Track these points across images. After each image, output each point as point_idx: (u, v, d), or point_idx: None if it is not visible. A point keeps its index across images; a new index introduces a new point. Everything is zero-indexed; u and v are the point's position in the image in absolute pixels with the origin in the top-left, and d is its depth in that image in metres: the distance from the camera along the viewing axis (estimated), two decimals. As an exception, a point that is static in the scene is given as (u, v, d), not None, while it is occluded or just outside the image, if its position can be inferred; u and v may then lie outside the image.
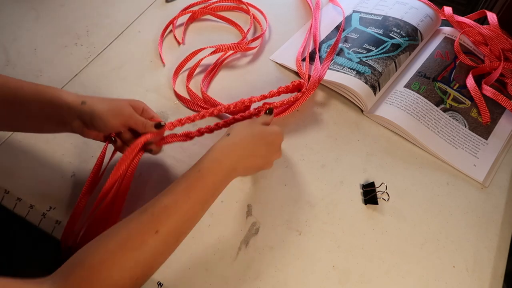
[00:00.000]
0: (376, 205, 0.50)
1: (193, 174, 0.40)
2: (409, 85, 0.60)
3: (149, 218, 0.36)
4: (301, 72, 0.62)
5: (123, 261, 0.33)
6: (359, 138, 0.57)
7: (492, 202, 0.52)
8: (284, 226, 0.49)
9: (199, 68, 0.63)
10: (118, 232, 0.35)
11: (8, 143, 0.54)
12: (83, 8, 0.71)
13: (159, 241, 0.35)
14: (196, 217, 0.40)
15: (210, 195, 0.41)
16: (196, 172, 0.40)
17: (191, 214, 0.38)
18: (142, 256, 0.34)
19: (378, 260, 0.47)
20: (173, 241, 0.37)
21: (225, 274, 0.45)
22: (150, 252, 0.35)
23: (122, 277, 0.33)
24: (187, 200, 0.38)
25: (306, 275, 0.46)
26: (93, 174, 0.47)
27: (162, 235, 0.35)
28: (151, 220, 0.36)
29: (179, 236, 0.38)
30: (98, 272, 0.32)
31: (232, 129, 0.45)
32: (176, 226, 0.37)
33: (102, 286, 0.32)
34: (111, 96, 0.59)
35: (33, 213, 0.49)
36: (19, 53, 0.64)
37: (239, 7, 0.72)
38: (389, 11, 0.68)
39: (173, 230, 0.37)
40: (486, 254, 0.48)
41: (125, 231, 0.35)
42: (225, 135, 0.44)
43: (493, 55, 0.63)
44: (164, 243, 0.36)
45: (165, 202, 0.37)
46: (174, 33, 0.67)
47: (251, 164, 0.45)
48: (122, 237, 0.35)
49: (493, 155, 0.55)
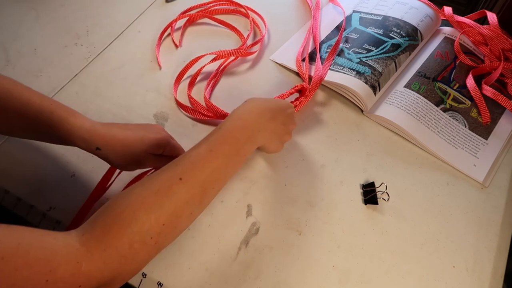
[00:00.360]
0: (376, 205, 0.50)
1: (216, 131, 0.41)
2: (409, 85, 0.60)
3: (174, 168, 0.37)
4: (302, 72, 0.62)
5: (148, 203, 0.33)
6: (359, 138, 0.57)
7: (492, 202, 0.52)
8: (284, 226, 0.49)
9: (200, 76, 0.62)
10: (145, 180, 0.36)
11: (8, 143, 0.54)
12: (83, 8, 0.71)
13: (184, 188, 0.35)
14: (221, 171, 0.39)
15: (234, 152, 0.40)
16: (218, 129, 0.41)
17: (215, 167, 0.38)
18: (166, 200, 0.34)
19: (378, 260, 0.47)
20: (199, 191, 0.37)
21: (225, 274, 0.45)
22: (175, 198, 0.35)
23: (148, 219, 0.32)
24: (209, 153, 0.38)
25: (306, 275, 0.46)
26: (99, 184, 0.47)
27: (187, 183, 0.36)
28: (176, 169, 0.36)
29: (205, 187, 0.38)
30: (124, 213, 0.32)
31: (248, 99, 0.46)
32: (200, 177, 0.37)
33: (128, 227, 0.31)
34: (111, 96, 0.59)
35: (33, 213, 0.49)
36: (19, 53, 0.64)
37: (238, 10, 0.72)
38: (389, 11, 0.68)
39: (197, 180, 0.37)
40: (486, 254, 0.48)
41: (151, 179, 0.36)
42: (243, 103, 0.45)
43: (493, 55, 0.63)
44: (190, 191, 0.36)
45: (189, 155, 0.38)
46: (172, 36, 0.67)
47: (274, 129, 0.46)
48: (148, 183, 0.35)
49: (493, 155, 0.55)
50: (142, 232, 0.32)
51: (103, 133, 0.41)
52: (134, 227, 0.32)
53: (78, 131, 0.40)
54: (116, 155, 0.42)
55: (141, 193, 0.34)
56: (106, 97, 0.59)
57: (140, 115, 0.57)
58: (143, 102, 0.59)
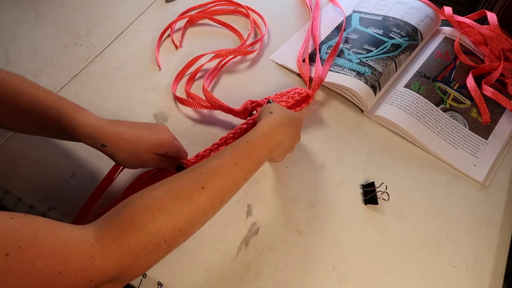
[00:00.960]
0: (376, 205, 0.50)
1: (241, 143, 0.41)
2: (409, 85, 0.60)
3: (197, 176, 0.37)
4: (302, 73, 0.62)
5: (168, 207, 0.34)
6: (359, 138, 0.57)
7: (492, 202, 0.52)
8: (284, 226, 0.49)
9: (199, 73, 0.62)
10: (165, 184, 0.36)
11: (8, 143, 0.54)
12: (83, 8, 0.71)
13: (204, 197, 0.36)
14: (239, 184, 0.40)
15: (254, 167, 0.41)
16: (244, 142, 0.41)
17: (236, 180, 0.39)
18: (186, 207, 0.34)
19: (378, 260, 0.47)
20: (217, 201, 0.38)
21: (225, 274, 0.45)
22: (194, 206, 0.35)
23: (166, 223, 0.33)
24: (233, 166, 0.39)
25: (306, 275, 0.46)
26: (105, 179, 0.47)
27: (208, 192, 0.36)
28: (198, 177, 0.37)
29: (223, 198, 0.38)
30: (142, 214, 0.32)
31: (272, 108, 0.47)
32: (221, 188, 0.38)
33: (145, 228, 0.32)
34: (111, 96, 0.59)
35: (33, 213, 0.49)
36: (19, 53, 0.64)
37: (238, 10, 0.72)
38: (389, 11, 0.68)
39: (218, 190, 0.37)
40: (486, 254, 0.48)
41: (172, 184, 0.36)
42: (268, 113, 0.46)
43: (493, 55, 0.63)
44: (209, 200, 0.36)
45: (213, 164, 0.38)
46: (172, 37, 0.67)
47: (288, 144, 0.47)
48: (169, 188, 0.35)
49: (493, 155, 0.55)
50: (158, 235, 0.32)
51: (109, 131, 0.41)
52: (151, 229, 0.32)
53: (85, 127, 0.41)
54: (121, 152, 0.42)
55: (161, 197, 0.34)
56: (106, 97, 0.59)
57: (140, 115, 0.57)
58: (143, 102, 0.59)
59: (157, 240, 0.32)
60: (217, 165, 0.38)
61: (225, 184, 0.38)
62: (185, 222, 0.34)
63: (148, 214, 0.32)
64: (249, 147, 0.41)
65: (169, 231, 0.33)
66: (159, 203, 0.34)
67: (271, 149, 0.43)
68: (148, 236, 0.32)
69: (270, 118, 0.45)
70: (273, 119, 0.45)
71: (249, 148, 0.41)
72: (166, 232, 0.33)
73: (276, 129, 0.44)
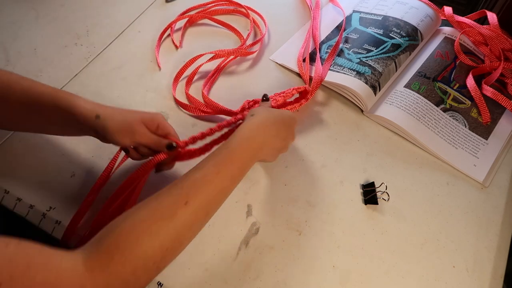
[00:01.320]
0: (376, 205, 0.50)
1: (222, 151, 0.41)
2: (409, 85, 0.60)
3: (179, 191, 0.36)
4: (302, 73, 0.62)
5: (153, 229, 0.34)
6: (359, 138, 0.57)
7: (492, 202, 0.52)
8: (284, 226, 0.49)
9: (198, 74, 0.62)
10: (149, 203, 0.36)
11: (8, 143, 0.54)
12: (83, 8, 0.71)
13: (189, 213, 0.36)
14: (225, 192, 0.40)
15: (238, 172, 0.41)
16: (225, 149, 0.41)
17: (220, 189, 0.39)
18: (172, 226, 0.34)
19: (378, 260, 0.47)
20: (203, 214, 0.38)
21: (225, 274, 0.45)
22: (180, 223, 0.35)
23: (152, 245, 0.33)
24: (216, 175, 0.38)
25: (306, 275, 0.46)
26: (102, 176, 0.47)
27: (192, 207, 0.36)
28: (181, 192, 0.36)
29: (209, 210, 0.38)
30: (128, 239, 0.32)
31: (255, 111, 0.46)
32: (206, 200, 0.37)
33: (132, 253, 0.32)
34: (111, 96, 0.59)
35: (33, 213, 0.49)
36: (19, 53, 0.64)
37: (238, 10, 0.72)
38: (389, 11, 0.68)
39: (202, 203, 0.37)
40: (486, 254, 0.48)
41: (155, 202, 0.36)
42: (249, 116, 0.45)
43: (493, 55, 0.63)
44: (194, 215, 0.36)
45: (195, 176, 0.38)
46: (172, 37, 0.67)
47: (274, 145, 0.46)
48: (153, 207, 0.35)
49: (493, 155, 0.55)
50: (146, 258, 0.33)
51: (104, 105, 0.44)
52: (138, 253, 0.32)
53: (82, 102, 0.42)
54: (113, 122, 0.43)
55: (145, 218, 0.34)
56: (106, 97, 0.59)
57: (140, 115, 0.57)
58: (143, 102, 0.59)
59: (146, 263, 0.32)
60: (199, 177, 0.38)
61: (209, 195, 0.38)
62: (172, 241, 0.34)
63: (133, 238, 0.32)
64: (230, 153, 0.40)
65: (156, 253, 0.33)
66: (144, 225, 0.33)
67: (254, 152, 0.42)
68: (136, 260, 0.32)
69: (250, 121, 0.44)
70: (254, 121, 0.44)
71: (230, 154, 0.40)
72: (154, 254, 0.33)
73: (257, 130, 0.43)
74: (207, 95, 0.59)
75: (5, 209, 0.50)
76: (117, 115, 0.43)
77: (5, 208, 0.50)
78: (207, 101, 0.58)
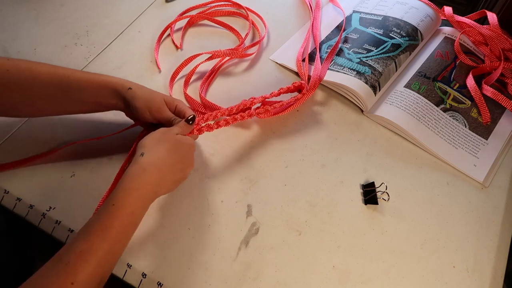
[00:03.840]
0: (376, 205, 0.50)
1: (107, 209, 0.36)
2: (409, 85, 0.60)
3: (64, 268, 0.33)
4: (301, 73, 0.62)
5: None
6: (359, 138, 0.57)
7: (492, 202, 0.52)
8: (284, 226, 0.49)
9: (196, 74, 0.62)
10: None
11: (8, 142, 0.54)
12: (83, 8, 0.71)
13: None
14: (118, 250, 0.37)
15: (130, 228, 0.38)
16: (111, 206, 0.36)
17: (111, 255, 0.35)
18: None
19: (378, 260, 0.47)
20: (96, 284, 0.34)
21: (225, 274, 0.45)
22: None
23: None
24: (104, 241, 0.35)
25: (306, 275, 0.46)
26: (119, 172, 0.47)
27: (81, 284, 0.32)
28: (67, 269, 0.32)
29: (102, 276, 0.35)
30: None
31: (145, 147, 0.41)
32: (95, 272, 0.34)
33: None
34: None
35: (33, 213, 0.49)
36: (19, 53, 0.64)
37: (238, 12, 0.71)
38: (389, 11, 0.68)
39: (91, 277, 0.33)
40: (486, 254, 0.48)
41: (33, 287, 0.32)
42: (139, 156, 0.40)
43: (493, 55, 0.63)
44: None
45: (81, 247, 0.34)
46: (172, 37, 0.67)
47: (170, 181, 0.42)
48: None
49: (493, 155, 0.55)
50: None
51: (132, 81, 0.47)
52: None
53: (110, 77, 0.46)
54: (141, 95, 0.45)
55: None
56: (106, 97, 0.59)
57: (140, 115, 0.57)
58: (143, 102, 0.59)
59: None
60: (86, 247, 0.34)
61: (100, 263, 0.34)
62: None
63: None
64: (117, 211, 0.36)
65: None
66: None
67: (147, 199, 0.39)
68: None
69: (138, 165, 0.39)
70: (142, 165, 0.39)
71: (117, 213, 0.36)
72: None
73: (146, 176, 0.39)
74: (204, 96, 0.59)
75: (5, 209, 0.50)
76: (145, 89, 0.47)
77: (5, 208, 0.50)
78: (204, 101, 0.58)
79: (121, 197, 0.37)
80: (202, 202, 0.50)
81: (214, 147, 0.54)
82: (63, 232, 0.47)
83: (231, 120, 0.51)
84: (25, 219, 0.49)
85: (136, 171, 0.39)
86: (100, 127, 0.55)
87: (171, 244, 0.47)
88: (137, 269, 0.45)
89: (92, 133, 0.54)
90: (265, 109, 0.54)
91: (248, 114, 0.52)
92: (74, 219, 0.48)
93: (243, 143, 0.55)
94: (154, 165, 0.40)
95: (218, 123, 0.50)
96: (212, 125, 0.50)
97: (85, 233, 0.35)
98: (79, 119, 0.56)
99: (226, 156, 0.54)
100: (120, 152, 0.53)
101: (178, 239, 0.47)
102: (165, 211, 0.49)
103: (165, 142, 0.42)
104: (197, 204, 0.50)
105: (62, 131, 0.55)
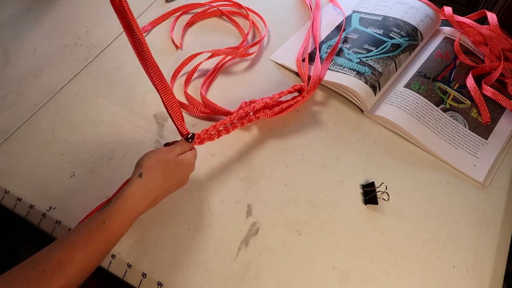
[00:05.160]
0: (376, 205, 0.50)
1: (96, 224, 0.36)
2: (409, 85, 0.60)
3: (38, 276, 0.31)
4: (301, 73, 0.62)
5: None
6: (359, 138, 0.57)
7: (492, 202, 0.52)
8: (284, 226, 0.49)
9: (197, 73, 0.62)
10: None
11: (8, 143, 0.54)
12: (83, 8, 0.71)
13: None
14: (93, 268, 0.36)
15: (111, 244, 0.37)
16: (101, 223, 0.36)
17: (87, 270, 0.34)
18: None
19: (378, 260, 0.47)
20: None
21: (225, 274, 0.45)
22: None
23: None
24: (85, 255, 0.34)
25: (306, 275, 0.46)
26: None
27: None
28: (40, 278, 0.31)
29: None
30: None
31: (144, 168, 0.40)
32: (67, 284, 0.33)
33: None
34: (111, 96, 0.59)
35: (33, 213, 0.49)
36: (19, 53, 0.64)
37: (239, 11, 0.71)
38: (389, 11, 0.68)
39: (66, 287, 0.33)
40: (486, 254, 0.48)
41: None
42: (137, 176, 0.40)
43: (493, 55, 0.63)
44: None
45: (60, 257, 0.33)
46: (172, 37, 0.67)
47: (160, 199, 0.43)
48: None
49: (493, 155, 0.55)
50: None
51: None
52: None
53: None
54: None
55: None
56: (106, 97, 0.59)
57: (140, 115, 0.57)
58: (143, 102, 0.59)
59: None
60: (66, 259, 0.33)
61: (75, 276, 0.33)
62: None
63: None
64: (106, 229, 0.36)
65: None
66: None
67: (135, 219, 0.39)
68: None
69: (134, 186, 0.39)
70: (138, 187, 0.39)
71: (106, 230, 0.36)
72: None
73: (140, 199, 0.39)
74: (205, 95, 0.59)
75: (5, 209, 0.50)
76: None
77: (5, 208, 0.50)
78: (205, 101, 0.58)
79: (113, 216, 0.37)
80: (202, 202, 0.50)
81: (214, 147, 0.54)
82: (63, 232, 0.47)
83: (231, 128, 0.51)
84: (25, 219, 0.49)
85: (132, 194, 0.38)
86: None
87: (171, 244, 0.47)
88: (137, 269, 0.45)
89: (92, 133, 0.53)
90: (265, 113, 0.54)
91: (248, 120, 0.52)
92: (74, 219, 0.48)
93: (243, 143, 0.55)
94: (150, 190, 0.40)
95: (219, 132, 0.50)
96: (213, 135, 0.50)
97: (69, 244, 0.34)
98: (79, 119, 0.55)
99: (226, 156, 0.54)
100: (120, 152, 0.53)
101: (178, 239, 0.47)
102: (165, 211, 0.49)
103: (164, 165, 0.41)
104: (197, 204, 0.50)
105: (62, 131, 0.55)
